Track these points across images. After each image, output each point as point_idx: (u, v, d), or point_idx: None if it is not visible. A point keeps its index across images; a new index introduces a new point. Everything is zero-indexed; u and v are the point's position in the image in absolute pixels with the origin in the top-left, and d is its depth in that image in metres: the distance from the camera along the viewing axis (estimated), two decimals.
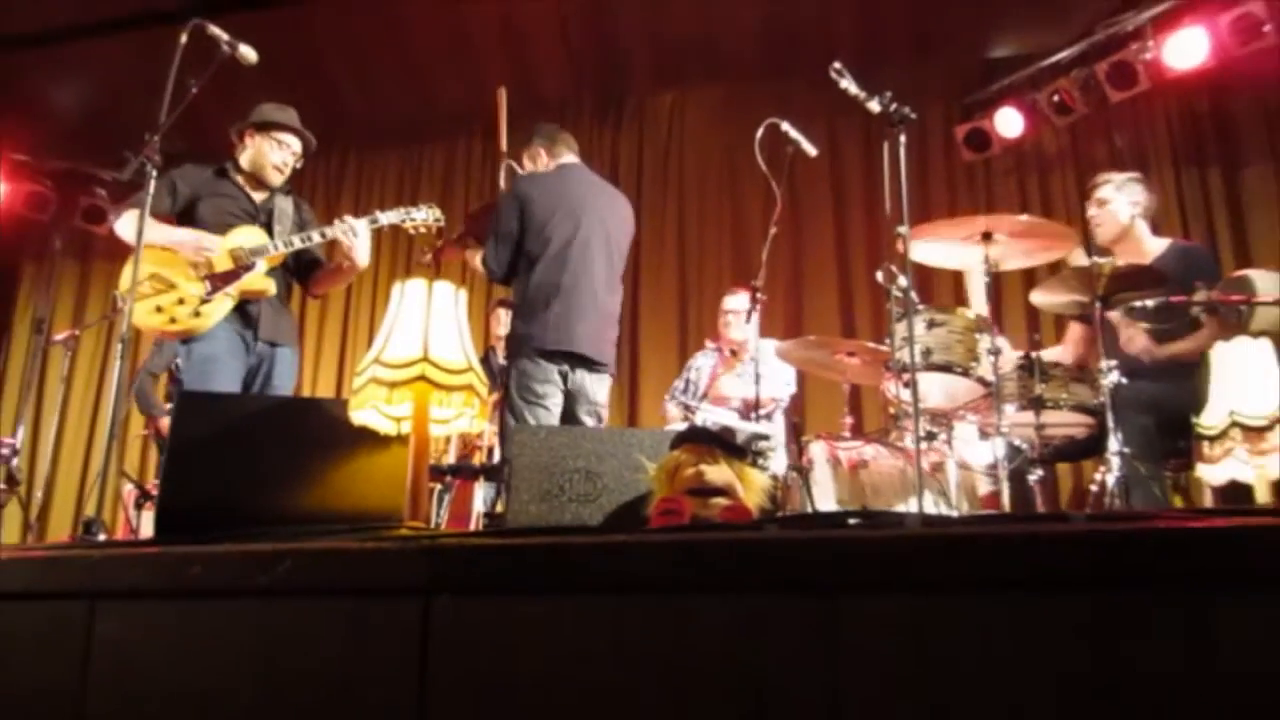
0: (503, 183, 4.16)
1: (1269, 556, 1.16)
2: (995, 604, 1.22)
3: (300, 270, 3.92)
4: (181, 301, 3.55)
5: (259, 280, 3.63)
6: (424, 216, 3.89)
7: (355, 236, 3.68)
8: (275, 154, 3.84)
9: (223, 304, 3.58)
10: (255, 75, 3.37)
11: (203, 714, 1.49)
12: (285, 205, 3.86)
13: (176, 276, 3.57)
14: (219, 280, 3.59)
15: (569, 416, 3.65)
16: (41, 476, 6.86)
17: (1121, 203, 3.87)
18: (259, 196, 3.83)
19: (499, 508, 3.87)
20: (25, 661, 1.60)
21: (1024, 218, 3.43)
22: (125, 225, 3.64)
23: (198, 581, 1.55)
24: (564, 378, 3.62)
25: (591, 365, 3.68)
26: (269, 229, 3.76)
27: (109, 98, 6.68)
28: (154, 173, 2.90)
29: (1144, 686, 1.15)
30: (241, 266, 3.61)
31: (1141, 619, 1.17)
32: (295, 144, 3.90)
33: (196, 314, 3.55)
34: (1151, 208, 3.93)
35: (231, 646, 1.51)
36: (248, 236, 3.70)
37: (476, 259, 3.86)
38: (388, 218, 3.85)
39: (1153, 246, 3.85)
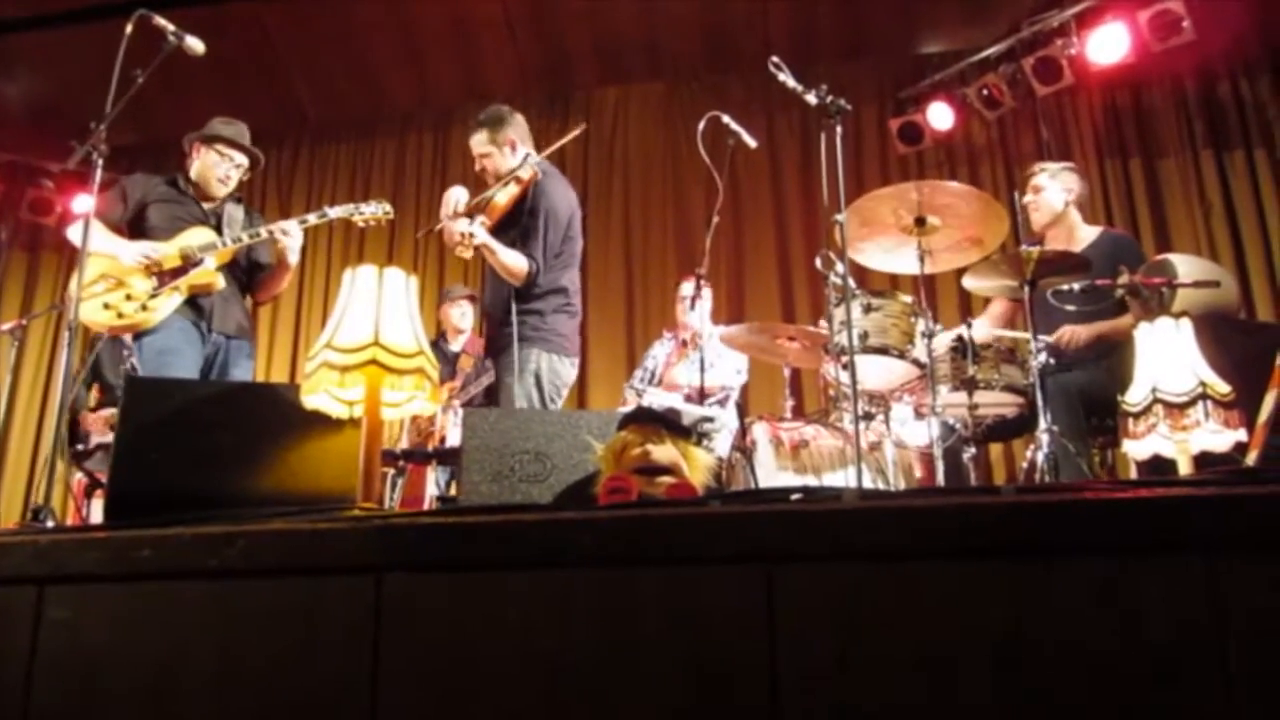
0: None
1: (1191, 524, 1.20)
2: (928, 572, 1.25)
3: (248, 275, 3.96)
4: (129, 297, 3.55)
5: (207, 275, 3.66)
6: (373, 210, 3.96)
7: (288, 236, 3.77)
8: (219, 167, 3.91)
9: (171, 298, 3.60)
10: (207, 70, 3.37)
11: (155, 695, 1.46)
12: (235, 212, 3.92)
13: (125, 275, 3.59)
14: (167, 276, 3.62)
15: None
16: None
17: (1055, 190, 4.00)
18: (209, 204, 3.89)
19: (453, 490, 3.90)
20: None
21: (954, 184, 3.53)
22: (75, 231, 3.62)
23: (148, 564, 1.52)
24: None
25: None
26: (219, 231, 3.80)
27: (56, 90, 6.59)
28: (100, 162, 2.89)
29: (1071, 650, 1.18)
30: (190, 263, 3.65)
31: (1068, 585, 1.20)
32: (239, 157, 3.96)
33: (144, 308, 3.56)
34: (1083, 196, 4.06)
35: (183, 627, 1.48)
36: (197, 235, 3.74)
37: (501, 255, 3.66)
38: (336, 212, 3.92)
39: (1085, 234, 3.98)
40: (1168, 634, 1.18)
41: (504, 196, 3.80)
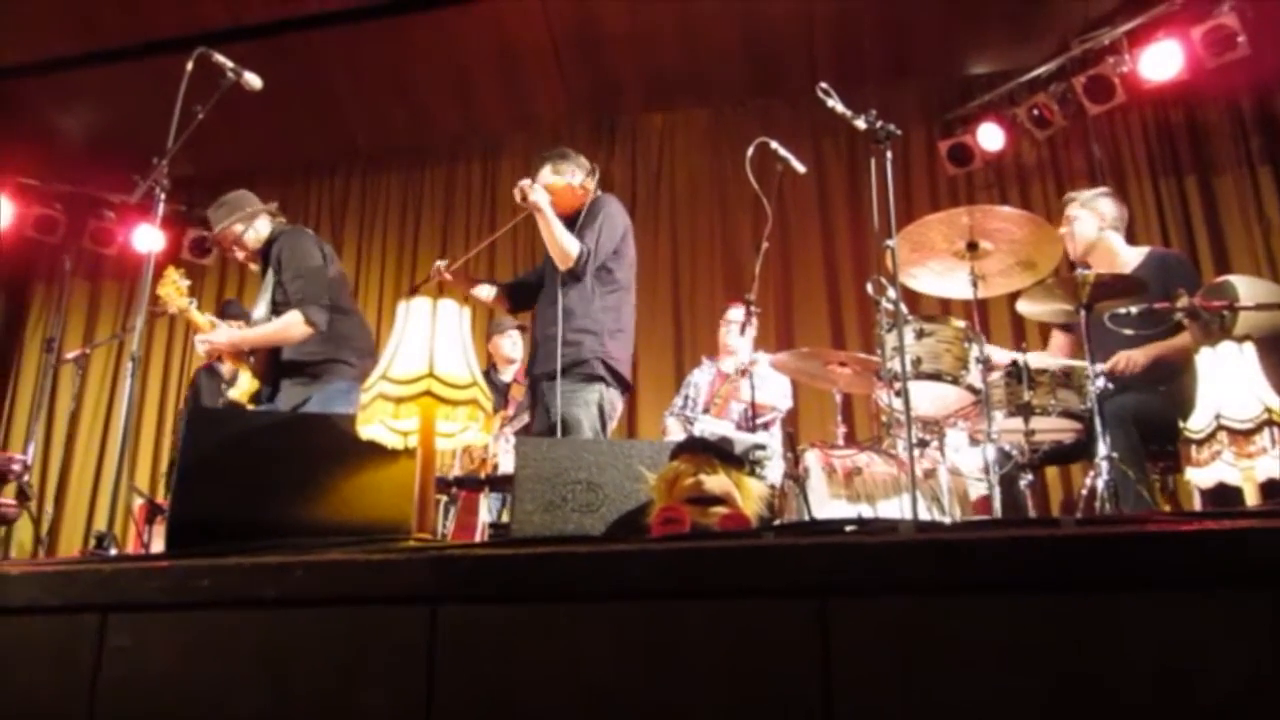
0: None
1: (1259, 557, 1.17)
2: (987, 607, 1.23)
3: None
4: None
5: (245, 393, 3.84)
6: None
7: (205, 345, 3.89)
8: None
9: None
10: (260, 102, 3.44)
11: None
12: (264, 281, 3.96)
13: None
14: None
15: None
16: (51, 492, 6.88)
17: (1088, 220, 3.92)
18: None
19: (504, 517, 3.91)
20: (37, 675, 1.58)
21: (1006, 209, 3.48)
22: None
23: (208, 593, 1.54)
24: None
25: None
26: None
27: (117, 123, 6.79)
28: (162, 196, 2.95)
29: (1133, 688, 1.15)
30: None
31: (1131, 621, 1.17)
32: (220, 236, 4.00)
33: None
34: (1121, 219, 3.98)
35: (241, 656, 1.50)
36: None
37: (555, 226, 3.73)
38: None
39: (1129, 257, 3.90)
40: (1236, 672, 1.14)
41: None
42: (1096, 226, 3.91)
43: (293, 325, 3.70)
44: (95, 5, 6.04)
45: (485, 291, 4.14)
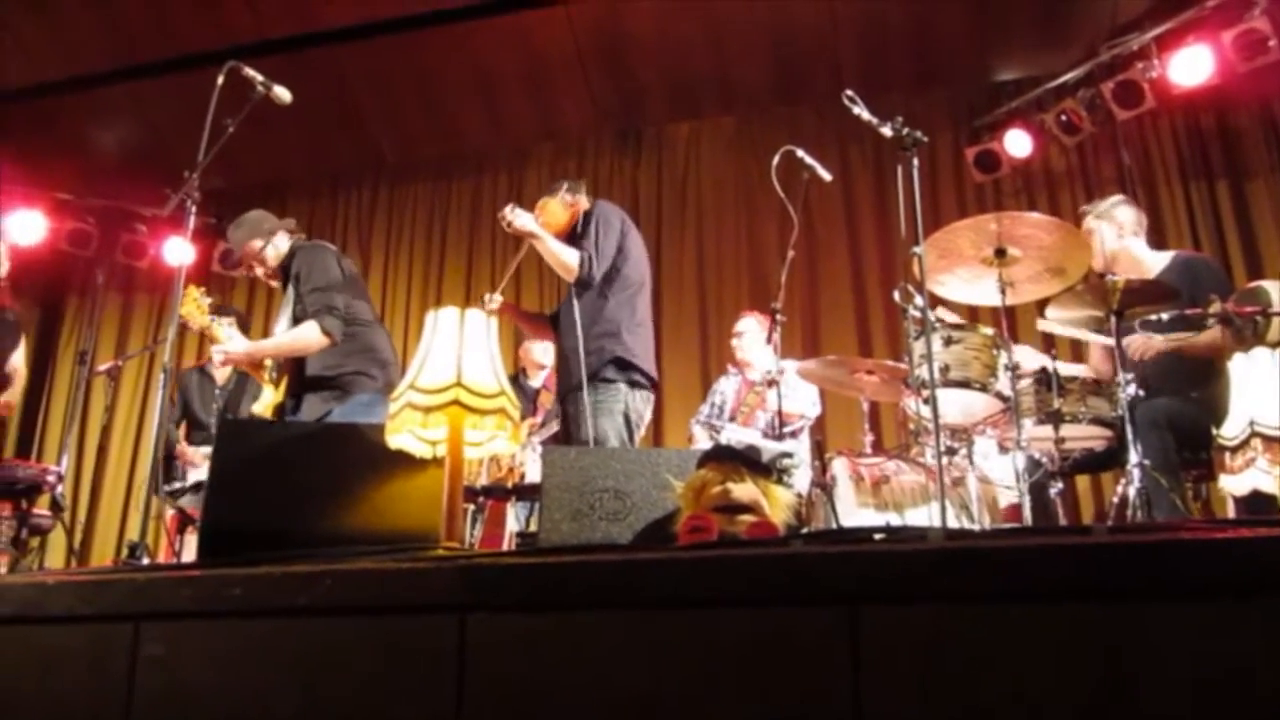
0: None
1: None
2: (1018, 616, 1.22)
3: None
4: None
5: (269, 407, 3.87)
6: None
7: (222, 356, 3.90)
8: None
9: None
10: (288, 115, 3.47)
11: None
12: (285, 296, 3.97)
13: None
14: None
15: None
16: (84, 503, 6.95)
17: (1106, 230, 3.89)
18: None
19: (531, 526, 3.91)
20: (73, 682, 1.60)
21: (1035, 215, 3.45)
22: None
23: (240, 602, 1.56)
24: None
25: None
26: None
27: (149, 137, 6.89)
28: (193, 209, 2.99)
29: (1167, 698, 1.14)
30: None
31: (1165, 630, 1.16)
32: (242, 255, 4.04)
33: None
34: (1140, 225, 3.94)
35: (273, 665, 1.51)
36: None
37: (550, 243, 3.77)
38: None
39: (1154, 261, 3.86)
40: (1272, 681, 1.13)
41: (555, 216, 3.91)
42: (1115, 235, 3.88)
43: (309, 335, 3.71)
44: (128, 21, 6.13)
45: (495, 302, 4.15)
